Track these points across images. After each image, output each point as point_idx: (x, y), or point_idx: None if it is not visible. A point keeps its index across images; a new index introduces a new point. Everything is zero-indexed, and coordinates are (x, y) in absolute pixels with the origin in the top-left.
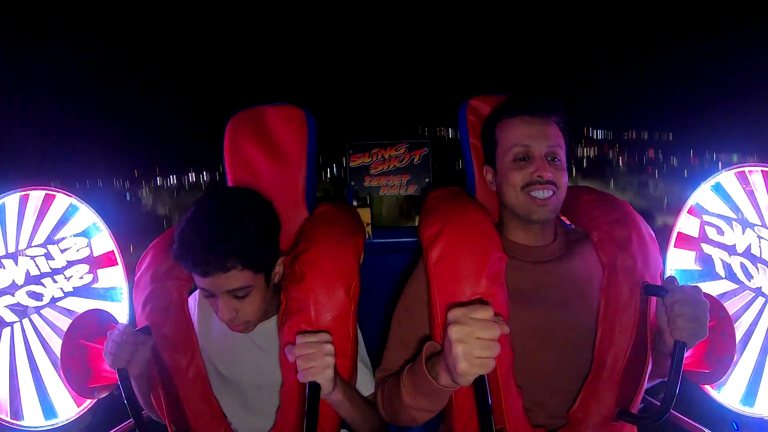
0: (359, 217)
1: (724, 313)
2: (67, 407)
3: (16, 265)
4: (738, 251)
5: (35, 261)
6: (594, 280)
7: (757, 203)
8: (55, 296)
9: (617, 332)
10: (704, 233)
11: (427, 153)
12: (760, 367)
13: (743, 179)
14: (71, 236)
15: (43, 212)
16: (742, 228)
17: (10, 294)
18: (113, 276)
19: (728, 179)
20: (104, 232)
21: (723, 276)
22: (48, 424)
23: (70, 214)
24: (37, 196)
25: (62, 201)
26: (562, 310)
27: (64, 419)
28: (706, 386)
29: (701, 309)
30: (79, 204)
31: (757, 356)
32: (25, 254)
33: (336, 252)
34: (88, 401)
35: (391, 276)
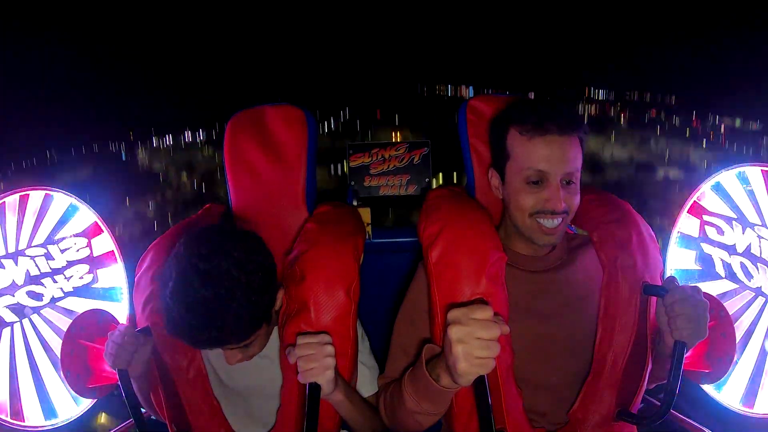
0: (359, 218)
1: (724, 312)
2: (67, 407)
3: (16, 265)
4: (738, 251)
5: (35, 261)
6: (595, 285)
7: (758, 203)
8: (55, 296)
9: (617, 332)
10: (704, 233)
11: (427, 153)
12: (760, 367)
13: (743, 179)
14: (71, 236)
15: (42, 212)
16: (742, 228)
17: (10, 294)
18: (113, 276)
19: (728, 179)
20: (104, 232)
21: (723, 276)
22: (48, 424)
23: (69, 214)
24: (37, 196)
25: (62, 201)
26: (561, 320)
27: (64, 419)
28: (706, 386)
29: (701, 309)
30: (79, 204)
31: (757, 356)
32: (25, 254)
33: (336, 253)
34: (88, 401)
35: (392, 276)
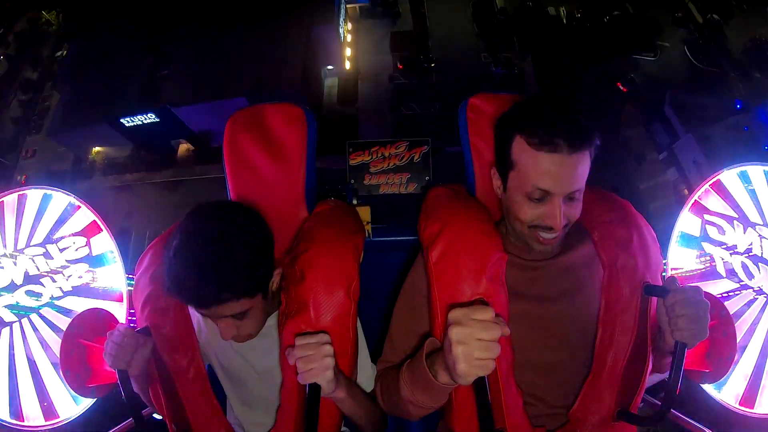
0: (359, 217)
1: (725, 312)
2: (67, 407)
3: (15, 264)
4: (739, 251)
5: (34, 260)
6: (592, 275)
7: (759, 202)
8: (54, 296)
9: (618, 332)
10: (705, 232)
11: (428, 151)
12: (761, 367)
13: (745, 178)
14: (70, 235)
15: (41, 211)
16: (743, 227)
17: (9, 294)
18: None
19: (730, 178)
20: (103, 231)
21: (724, 275)
22: (48, 424)
23: (68, 213)
24: (35, 196)
25: (61, 200)
26: (561, 303)
27: (64, 419)
28: (706, 386)
29: (702, 310)
30: (77, 203)
31: (757, 356)
32: (23, 254)
33: (336, 252)
34: (88, 401)
35: (392, 274)
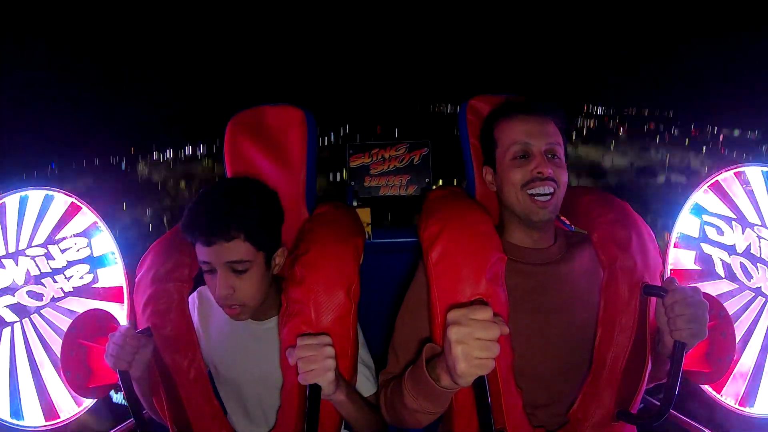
0: (359, 219)
1: (724, 312)
2: (67, 407)
3: (17, 265)
4: (738, 251)
5: (35, 261)
6: (594, 283)
7: (757, 203)
8: (56, 296)
9: (617, 332)
10: (704, 233)
11: (427, 153)
12: (760, 367)
13: (743, 179)
14: (71, 236)
15: (43, 212)
16: (741, 228)
17: (10, 294)
18: (114, 275)
19: (728, 179)
20: (104, 232)
21: (723, 276)
22: (48, 424)
23: (70, 214)
24: (37, 196)
25: (62, 201)
26: (562, 315)
27: (64, 419)
28: (706, 386)
29: (701, 310)
30: (79, 204)
31: (757, 356)
32: (25, 254)
33: (336, 254)
34: (88, 401)
35: (392, 276)
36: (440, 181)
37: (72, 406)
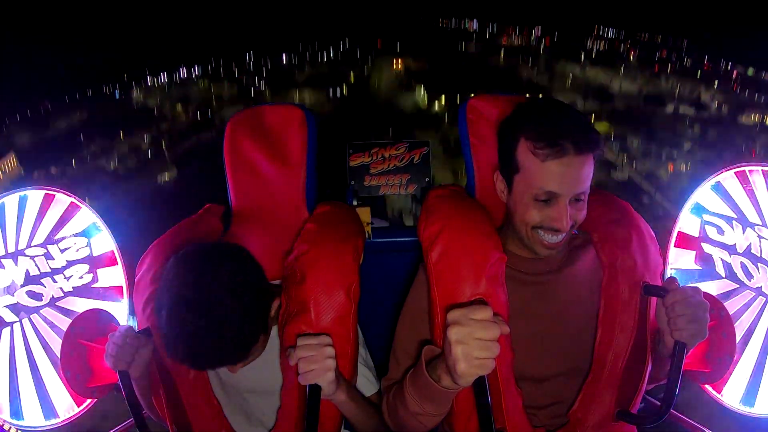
0: (359, 218)
1: (725, 312)
2: (67, 407)
3: (16, 265)
4: (738, 251)
5: (35, 261)
6: (595, 284)
7: (758, 203)
8: (55, 296)
9: (617, 332)
10: (704, 233)
11: (427, 152)
12: (760, 367)
13: (743, 179)
14: (71, 236)
15: (42, 212)
16: (742, 227)
17: (9, 294)
18: (113, 276)
19: (729, 179)
20: (104, 231)
21: (723, 275)
22: (48, 424)
23: (69, 213)
24: (36, 196)
25: (62, 200)
26: (562, 323)
27: (64, 419)
28: (706, 386)
29: (701, 310)
30: (79, 203)
31: (757, 356)
32: (24, 254)
33: (336, 254)
34: (88, 401)
35: (392, 275)
36: (442, 97)
37: (72, 406)
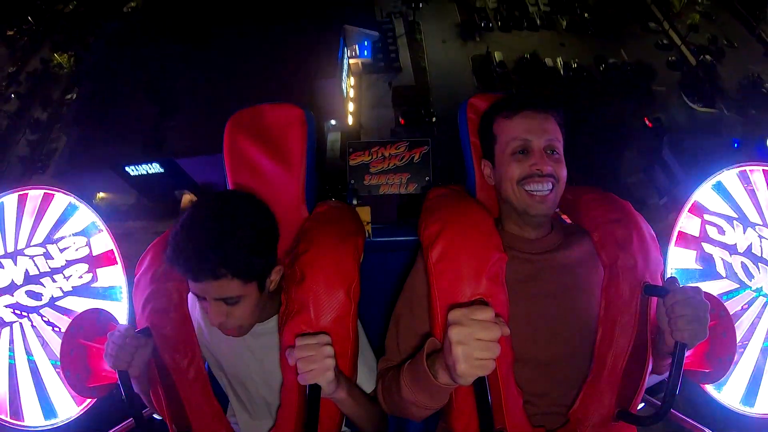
0: (359, 217)
1: (725, 312)
2: (67, 407)
3: (15, 265)
4: (739, 251)
5: (34, 261)
6: (592, 273)
7: (758, 203)
8: (55, 296)
9: (617, 332)
10: (705, 232)
11: (428, 151)
12: (760, 367)
13: (744, 178)
14: (70, 235)
15: (41, 212)
16: (743, 227)
17: (9, 294)
18: (112, 275)
19: (729, 178)
20: (103, 231)
21: (724, 275)
22: (48, 424)
23: (68, 213)
24: (35, 196)
25: (61, 200)
26: (561, 300)
27: (64, 419)
28: (706, 386)
29: (702, 310)
30: (77, 203)
31: (757, 356)
32: (24, 254)
33: (336, 253)
34: (88, 401)
35: (392, 274)
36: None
37: (72, 406)
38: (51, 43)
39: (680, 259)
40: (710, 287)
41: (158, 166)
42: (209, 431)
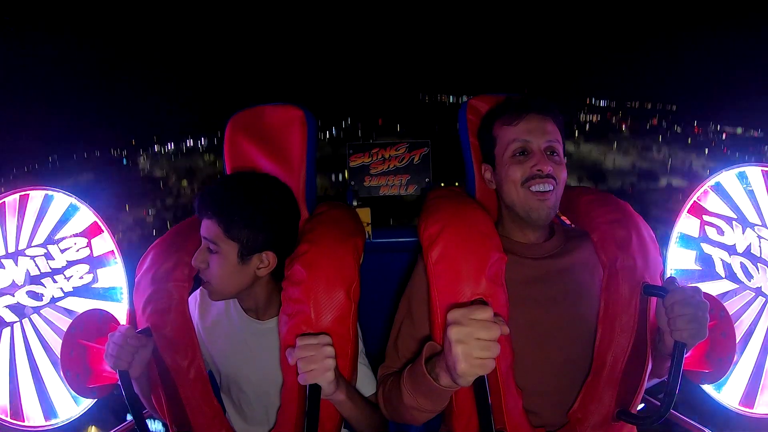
0: (359, 218)
1: (724, 312)
2: (67, 407)
3: (16, 265)
4: (738, 251)
5: (35, 261)
6: (594, 278)
7: (758, 203)
8: (55, 296)
9: (617, 332)
10: (704, 233)
11: (427, 152)
12: (760, 367)
13: (743, 179)
14: (71, 236)
15: (43, 212)
16: (742, 228)
17: (10, 294)
18: (113, 276)
19: (728, 179)
20: (105, 232)
21: (723, 276)
22: (48, 424)
23: (70, 213)
24: (37, 196)
25: (62, 201)
26: (562, 306)
27: (64, 419)
28: (706, 386)
29: (701, 310)
30: (79, 204)
31: (757, 356)
32: (25, 254)
33: (336, 254)
34: (88, 401)
35: (392, 275)
36: (441, 184)
37: (72, 406)
38: None
39: (680, 259)
40: (710, 288)
41: None
42: (209, 431)
